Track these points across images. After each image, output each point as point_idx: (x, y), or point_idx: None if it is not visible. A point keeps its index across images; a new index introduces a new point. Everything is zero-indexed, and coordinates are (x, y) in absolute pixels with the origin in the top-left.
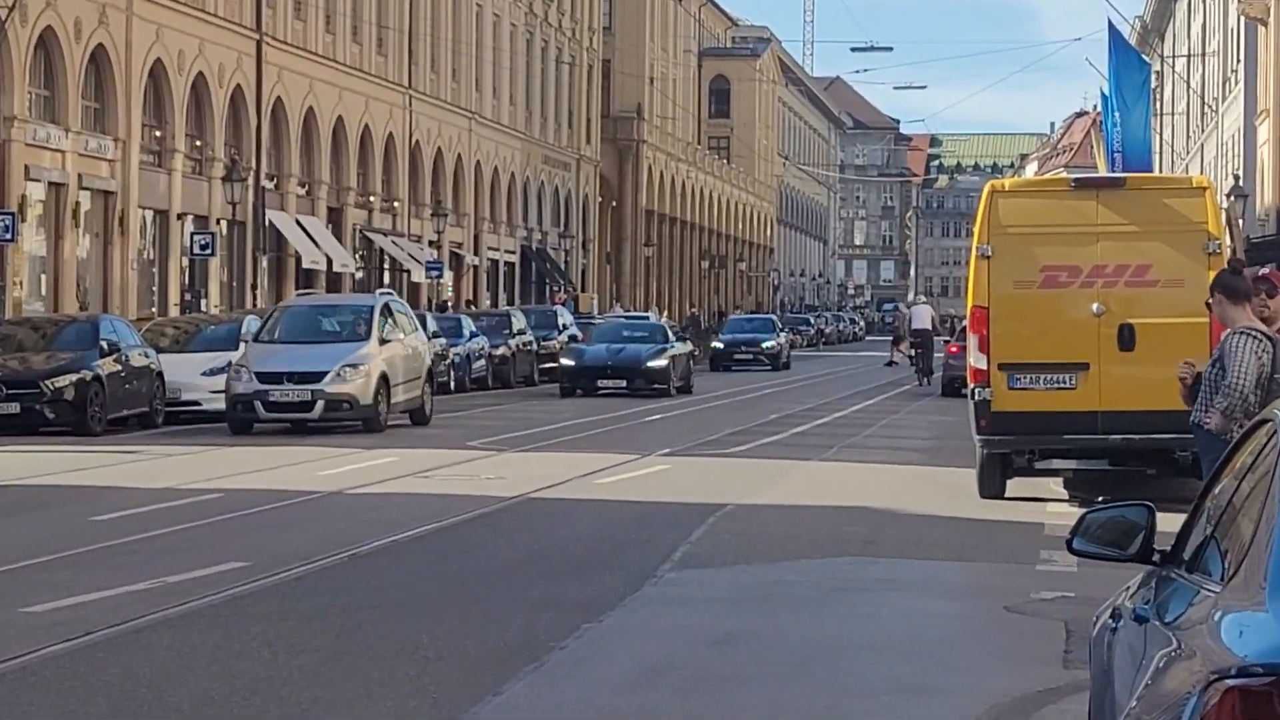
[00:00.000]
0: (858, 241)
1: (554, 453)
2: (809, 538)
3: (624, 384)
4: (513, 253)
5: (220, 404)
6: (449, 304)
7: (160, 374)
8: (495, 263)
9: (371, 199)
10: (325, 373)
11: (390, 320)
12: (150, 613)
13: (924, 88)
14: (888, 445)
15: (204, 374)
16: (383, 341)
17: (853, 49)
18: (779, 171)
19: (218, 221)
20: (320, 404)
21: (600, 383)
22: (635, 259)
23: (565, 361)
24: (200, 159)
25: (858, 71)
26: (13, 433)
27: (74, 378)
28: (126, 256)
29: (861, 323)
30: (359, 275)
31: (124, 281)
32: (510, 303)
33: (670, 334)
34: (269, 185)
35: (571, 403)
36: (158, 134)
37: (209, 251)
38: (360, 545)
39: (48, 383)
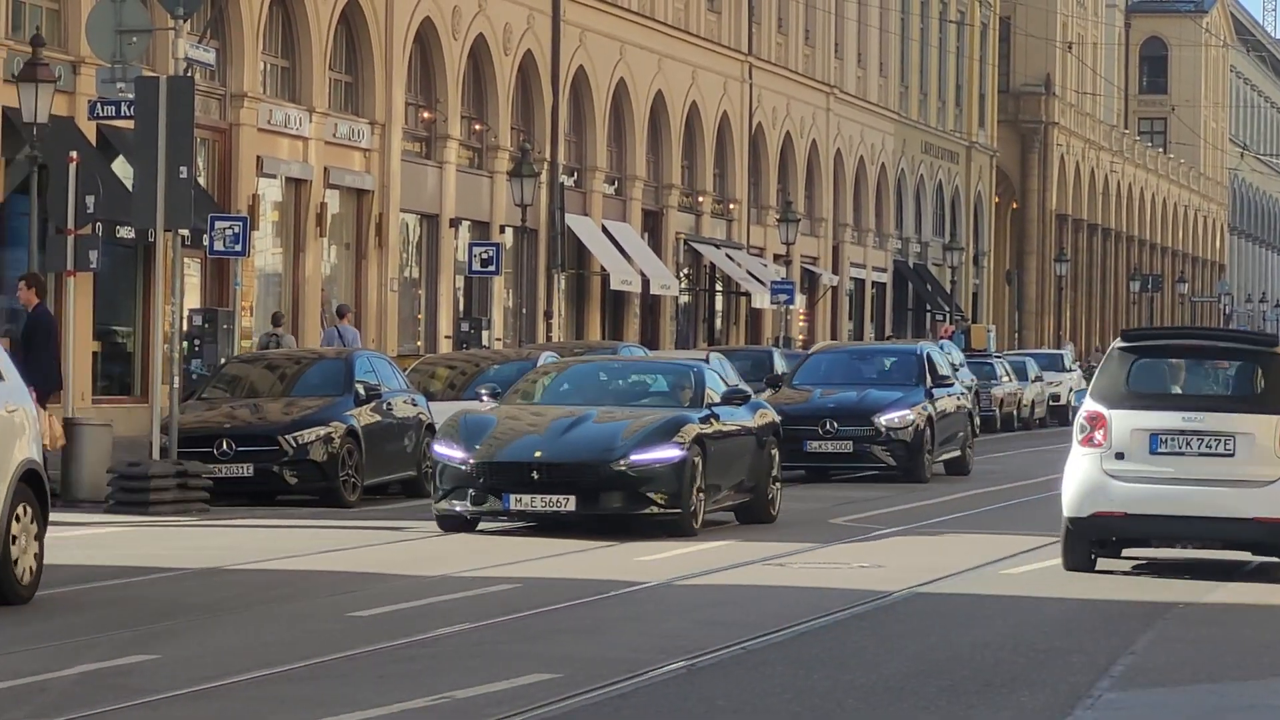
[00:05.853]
0: None
1: (946, 534)
2: None
3: None
4: (883, 270)
5: None
6: (791, 339)
7: (431, 427)
8: (860, 283)
9: (700, 200)
10: None
11: None
12: None
13: None
14: None
15: None
16: None
17: None
18: (1232, 164)
19: (502, 229)
20: None
21: None
22: (1043, 278)
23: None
24: (480, 148)
25: None
26: (245, 501)
27: (322, 432)
28: (385, 274)
29: None
30: (684, 299)
31: (381, 306)
32: (880, 335)
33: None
34: (568, 182)
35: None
36: (425, 116)
37: (491, 268)
38: (700, 653)
39: (289, 438)
